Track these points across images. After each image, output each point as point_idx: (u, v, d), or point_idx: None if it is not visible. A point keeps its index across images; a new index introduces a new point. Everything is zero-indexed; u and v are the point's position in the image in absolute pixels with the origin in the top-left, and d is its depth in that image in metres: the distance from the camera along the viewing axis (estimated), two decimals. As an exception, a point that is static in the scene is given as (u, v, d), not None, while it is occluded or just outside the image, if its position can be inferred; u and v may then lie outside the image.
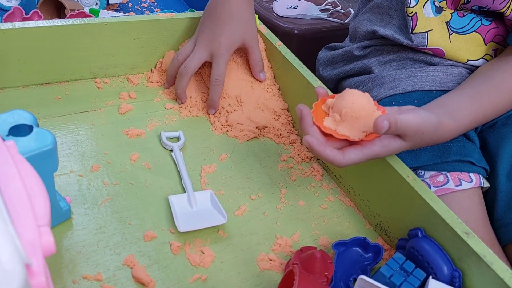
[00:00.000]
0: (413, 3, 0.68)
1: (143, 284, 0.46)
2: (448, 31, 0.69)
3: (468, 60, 0.70)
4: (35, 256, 0.28)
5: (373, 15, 0.78)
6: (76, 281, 0.45)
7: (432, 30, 0.69)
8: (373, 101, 0.51)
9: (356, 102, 0.50)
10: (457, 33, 0.69)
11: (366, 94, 0.51)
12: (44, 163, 0.43)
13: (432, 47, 0.70)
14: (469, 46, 0.69)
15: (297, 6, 1.24)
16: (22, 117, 0.44)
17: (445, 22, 0.69)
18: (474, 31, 0.69)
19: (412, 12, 0.69)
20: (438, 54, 0.70)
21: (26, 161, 0.34)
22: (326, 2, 1.28)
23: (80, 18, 0.67)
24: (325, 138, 0.50)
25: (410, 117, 0.49)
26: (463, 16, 0.69)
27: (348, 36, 0.89)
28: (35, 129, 0.44)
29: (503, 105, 0.62)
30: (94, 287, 0.45)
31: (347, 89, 0.52)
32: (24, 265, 0.25)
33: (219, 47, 0.67)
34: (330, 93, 0.58)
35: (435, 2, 0.69)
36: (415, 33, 0.70)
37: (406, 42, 0.71)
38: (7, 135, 0.43)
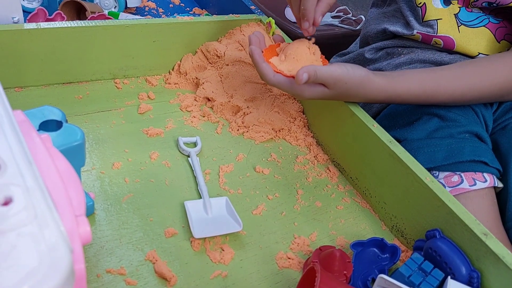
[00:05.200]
0: None
1: (166, 279, 0.47)
2: (457, 22, 0.70)
3: (479, 53, 0.71)
4: (75, 244, 0.29)
5: (380, 19, 0.81)
6: (100, 275, 0.46)
7: (441, 19, 0.71)
8: (320, 54, 0.60)
9: (300, 47, 0.58)
10: (465, 25, 0.70)
11: (315, 46, 0.59)
12: (73, 158, 0.44)
13: (442, 35, 0.71)
14: (479, 40, 0.71)
15: (309, 12, 1.25)
16: (52, 113, 0.46)
17: (454, 14, 0.71)
18: (483, 26, 0.70)
19: (421, 2, 0.71)
20: (448, 44, 0.72)
21: (60, 154, 0.35)
22: (338, 9, 1.30)
23: (102, 20, 0.69)
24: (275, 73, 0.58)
25: (333, 68, 0.55)
26: (471, 11, 0.71)
27: (358, 41, 0.91)
28: (64, 125, 0.45)
29: (463, 82, 0.63)
30: (118, 281, 0.46)
31: (301, 38, 0.60)
32: (70, 251, 0.26)
33: None
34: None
35: None
36: (425, 21, 0.72)
37: (416, 31, 0.72)
38: (38, 130, 0.44)
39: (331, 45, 1.18)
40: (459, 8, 0.70)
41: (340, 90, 0.57)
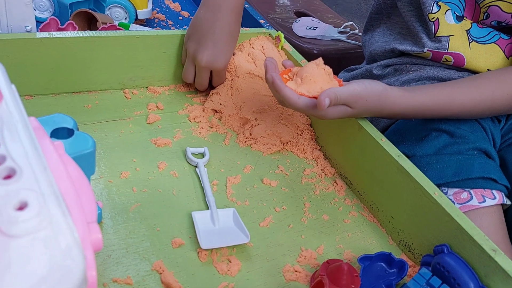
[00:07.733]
0: (435, 9, 0.71)
1: (172, 290, 0.47)
2: (468, 38, 0.71)
3: (488, 70, 0.71)
4: (87, 250, 0.29)
5: (385, 36, 0.81)
6: (107, 284, 0.46)
7: (453, 35, 0.71)
8: (332, 74, 0.61)
9: (315, 69, 0.60)
10: (476, 41, 0.71)
11: (326, 66, 0.60)
12: (84, 166, 0.44)
13: (453, 52, 0.72)
14: (489, 56, 0.71)
15: (316, 27, 1.27)
16: (64, 121, 0.46)
17: (465, 30, 0.71)
18: (493, 42, 0.71)
19: (434, 17, 0.72)
20: (458, 61, 0.72)
21: (72, 161, 0.36)
22: (344, 24, 1.31)
23: (113, 31, 0.70)
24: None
25: (352, 87, 0.56)
26: (483, 27, 0.71)
27: (364, 61, 0.91)
28: (76, 132, 0.45)
29: (475, 97, 0.64)
30: (124, 290, 0.46)
31: (312, 61, 0.61)
32: (83, 257, 0.26)
33: (219, 67, 0.72)
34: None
35: (455, 12, 0.71)
36: (437, 36, 0.72)
37: (426, 49, 0.73)
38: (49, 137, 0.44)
39: (339, 59, 1.19)
40: (471, 24, 0.71)
41: (362, 107, 0.58)
